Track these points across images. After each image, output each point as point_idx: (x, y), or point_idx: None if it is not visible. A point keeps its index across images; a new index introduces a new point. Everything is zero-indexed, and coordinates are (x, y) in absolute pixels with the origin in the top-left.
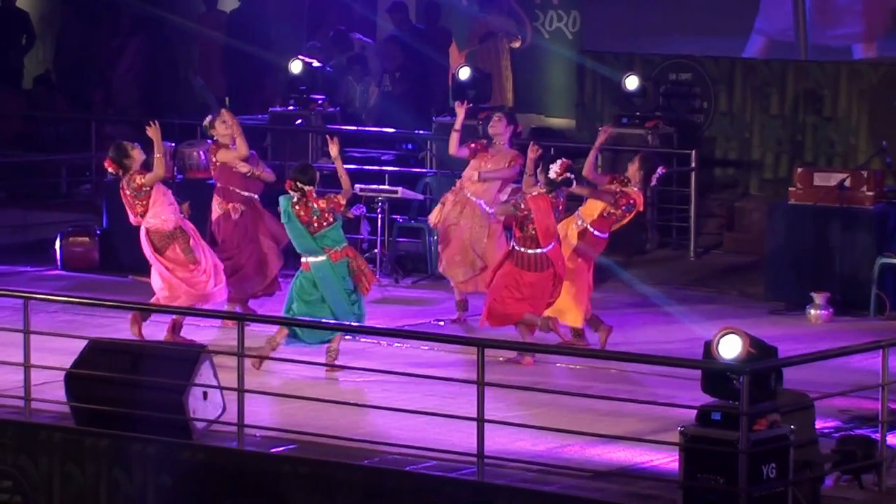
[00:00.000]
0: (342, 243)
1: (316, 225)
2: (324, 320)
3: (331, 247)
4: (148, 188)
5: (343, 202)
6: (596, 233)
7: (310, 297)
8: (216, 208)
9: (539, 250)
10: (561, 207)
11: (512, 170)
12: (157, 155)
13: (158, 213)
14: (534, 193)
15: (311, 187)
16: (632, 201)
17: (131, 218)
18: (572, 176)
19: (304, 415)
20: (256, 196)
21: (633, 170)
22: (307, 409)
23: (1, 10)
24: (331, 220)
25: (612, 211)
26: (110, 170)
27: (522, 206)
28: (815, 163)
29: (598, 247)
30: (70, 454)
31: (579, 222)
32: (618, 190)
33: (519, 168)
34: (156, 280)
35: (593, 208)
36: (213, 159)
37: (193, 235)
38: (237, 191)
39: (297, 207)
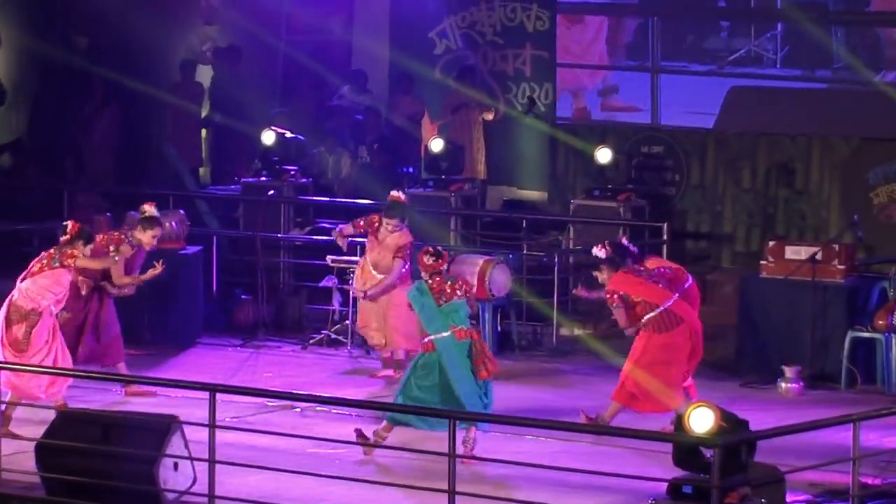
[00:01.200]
0: (467, 324)
1: (448, 294)
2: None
3: (457, 324)
4: (66, 264)
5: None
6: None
7: (428, 382)
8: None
9: (658, 310)
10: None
11: (396, 271)
12: (117, 264)
13: (36, 290)
14: (606, 279)
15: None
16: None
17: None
18: (622, 243)
19: (276, 486)
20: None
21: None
22: (279, 480)
23: None
24: (458, 293)
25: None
26: (69, 227)
27: (609, 297)
28: (786, 236)
29: None
30: None
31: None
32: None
33: (405, 257)
34: None
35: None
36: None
37: (51, 331)
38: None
39: (429, 282)
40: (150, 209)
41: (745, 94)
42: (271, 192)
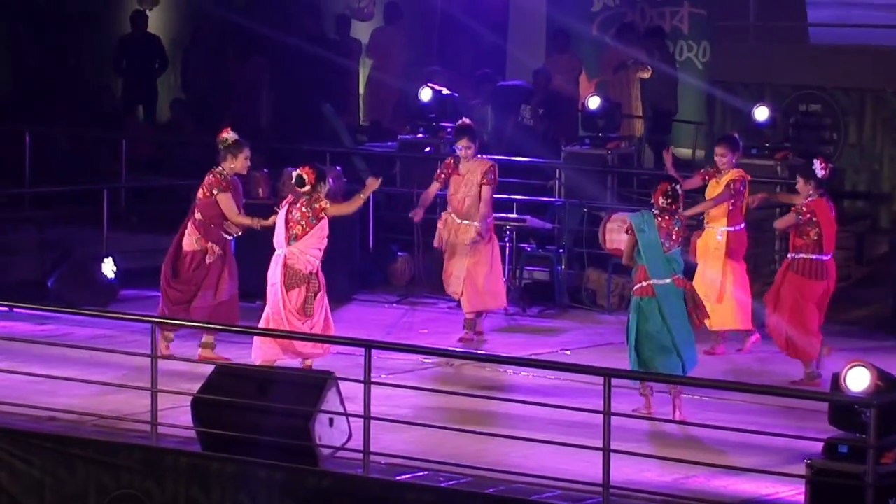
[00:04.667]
0: (682, 272)
1: (673, 240)
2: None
3: (677, 272)
4: (320, 217)
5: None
6: (734, 229)
7: (654, 325)
8: (192, 242)
9: (824, 257)
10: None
11: (488, 198)
12: (361, 196)
13: (306, 249)
14: (812, 198)
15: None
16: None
17: (279, 238)
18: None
19: (430, 442)
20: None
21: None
22: (432, 437)
23: (134, 38)
24: (679, 242)
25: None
26: (306, 177)
27: (805, 210)
28: None
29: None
30: (196, 479)
31: (718, 236)
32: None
33: (492, 182)
34: (269, 306)
35: (718, 213)
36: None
37: (322, 289)
38: (218, 230)
39: (659, 220)
40: (228, 134)
41: None
42: (428, 149)
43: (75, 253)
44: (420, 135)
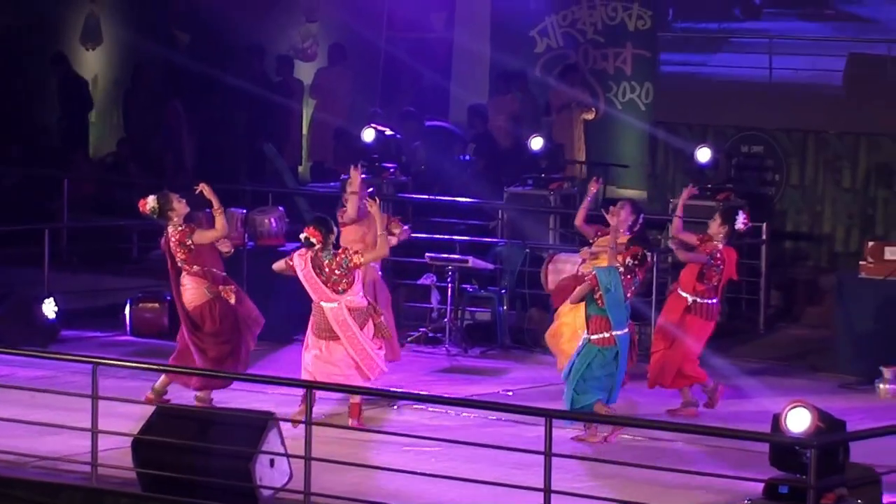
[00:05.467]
0: None
1: (630, 293)
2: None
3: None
4: (356, 267)
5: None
6: (707, 301)
7: (606, 370)
8: (203, 292)
9: (716, 301)
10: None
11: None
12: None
13: (357, 292)
14: (722, 244)
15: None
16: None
17: (322, 293)
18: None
19: (370, 483)
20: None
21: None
22: (373, 477)
23: (65, 80)
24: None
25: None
26: (314, 239)
27: (719, 256)
28: (886, 237)
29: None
30: None
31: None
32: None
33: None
34: (342, 358)
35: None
36: (188, 242)
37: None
38: (220, 273)
39: (623, 277)
40: (149, 202)
41: None
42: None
43: (16, 293)
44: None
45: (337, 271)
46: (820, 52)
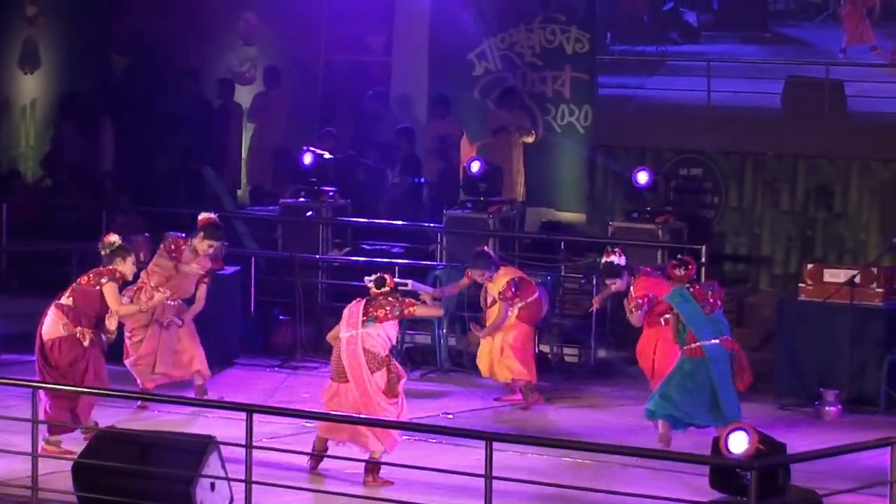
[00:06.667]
0: (729, 333)
1: (710, 303)
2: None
3: (723, 334)
4: (403, 315)
5: None
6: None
7: (692, 385)
8: (59, 327)
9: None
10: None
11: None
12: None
13: (384, 332)
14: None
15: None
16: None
17: (357, 318)
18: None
19: None
20: None
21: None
22: (316, 500)
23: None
24: (719, 303)
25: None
26: (387, 279)
27: (644, 299)
28: (825, 259)
29: None
30: None
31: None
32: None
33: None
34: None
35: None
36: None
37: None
38: (93, 319)
39: (690, 290)
40: (112, 237)
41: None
42: (309, 213)
43: None
44: (302, 198)
45: (387, 307)
46: (758, 76)
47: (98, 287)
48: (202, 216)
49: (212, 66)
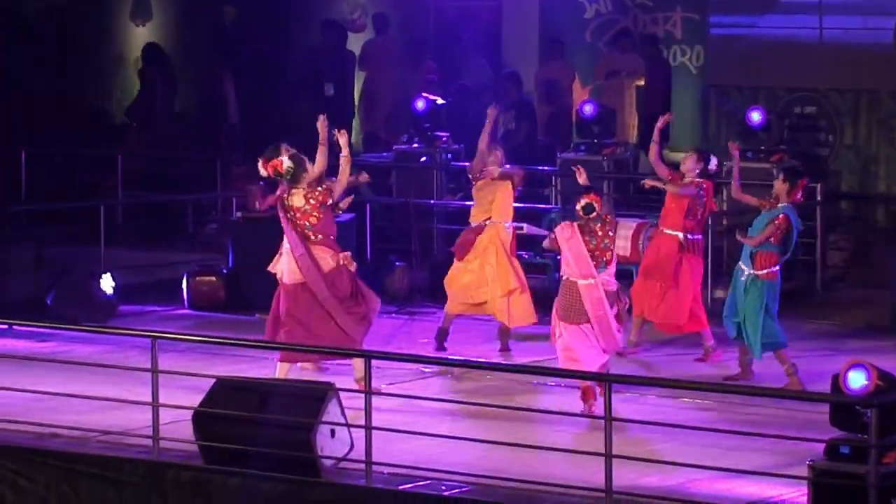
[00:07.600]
0: None
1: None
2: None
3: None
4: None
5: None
6: (697, 237)
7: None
8: (327, 260)
9: (701, 237)
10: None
11: None
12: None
13: (612, 270)
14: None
15: None
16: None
17: (590, 267)
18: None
19: (432, 452)
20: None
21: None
22: (434, 446)
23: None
24: None
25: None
26: (595, 205)
27: (704, 187)
28: None
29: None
30: (199, 493)
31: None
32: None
33: None
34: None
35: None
36: (328, 203)
37: None
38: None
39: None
40: (286, 161)
41: None
42: (423, 158)
43: (73, 270)
44: (415, 144)
45: (605, 240)
46: (871, 12)
47: (326, 202)
48: None
49: (322, 14)
